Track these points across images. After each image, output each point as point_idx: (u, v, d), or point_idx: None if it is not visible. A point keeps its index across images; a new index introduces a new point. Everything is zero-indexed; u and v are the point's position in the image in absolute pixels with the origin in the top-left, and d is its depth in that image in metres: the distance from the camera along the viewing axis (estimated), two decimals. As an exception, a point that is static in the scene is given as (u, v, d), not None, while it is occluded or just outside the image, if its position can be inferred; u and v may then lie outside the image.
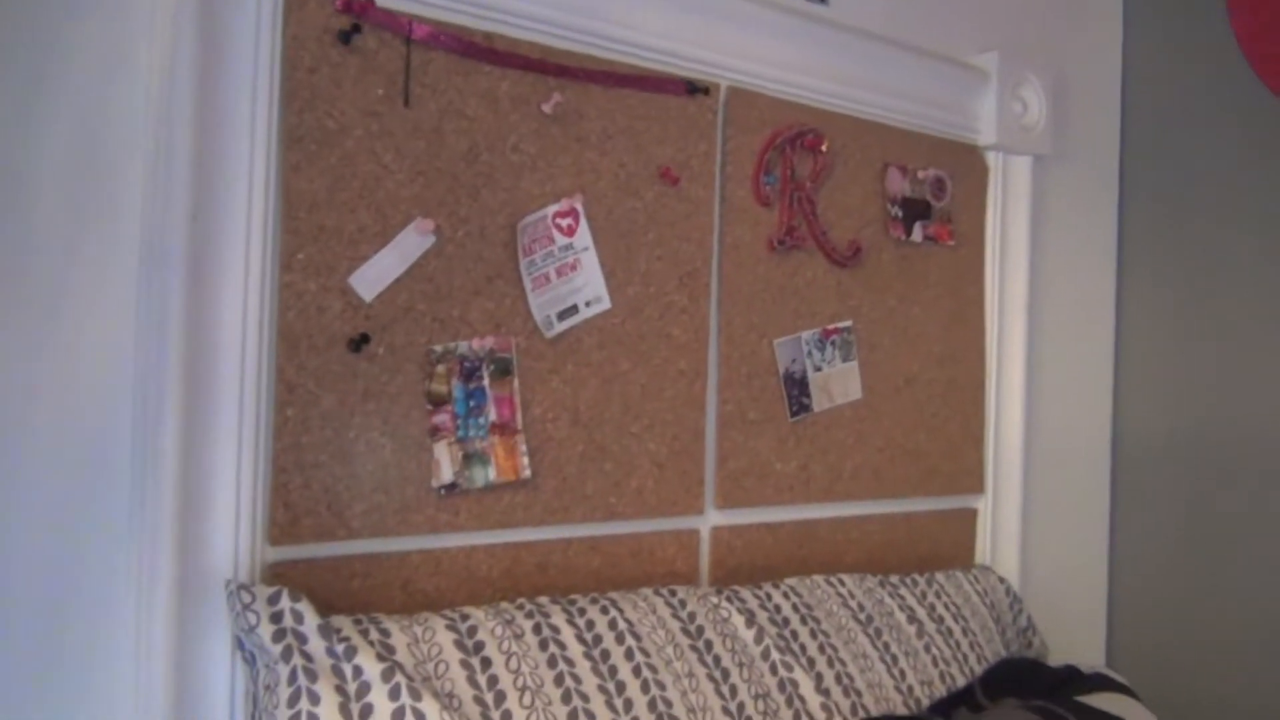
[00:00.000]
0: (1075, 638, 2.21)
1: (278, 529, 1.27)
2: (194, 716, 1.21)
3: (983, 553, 2.04)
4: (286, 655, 1.15)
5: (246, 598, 1.17)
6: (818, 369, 1.79)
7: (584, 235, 1.52)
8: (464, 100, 1.41)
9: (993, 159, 2.06)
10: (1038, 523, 2.13)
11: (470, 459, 1.41)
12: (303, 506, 1.29)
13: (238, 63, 1.25)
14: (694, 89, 1.62)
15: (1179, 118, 2.23)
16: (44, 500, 1.21)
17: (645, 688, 1.32)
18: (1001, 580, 1.90)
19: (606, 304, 1.54)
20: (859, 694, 1.50)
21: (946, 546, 1.99)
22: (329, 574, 1.31)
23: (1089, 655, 2.23)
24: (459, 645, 1.25)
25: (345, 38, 1.31)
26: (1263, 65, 2.12)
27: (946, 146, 1.98)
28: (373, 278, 1.33)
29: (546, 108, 1.47)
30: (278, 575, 1.27)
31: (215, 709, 1.23)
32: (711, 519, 1.68)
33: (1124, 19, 2.33)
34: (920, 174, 1.94)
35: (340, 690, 1.14)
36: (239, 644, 1.22)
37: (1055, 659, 1.94)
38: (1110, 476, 2.31)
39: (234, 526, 1.24)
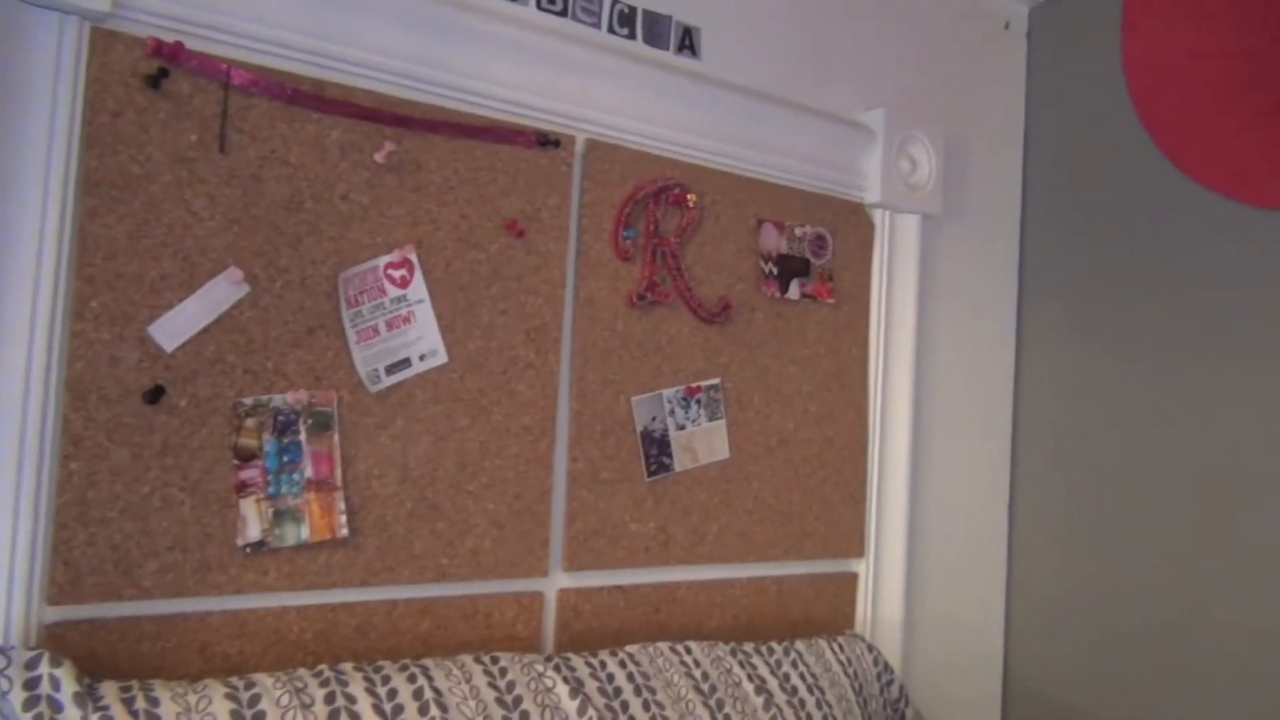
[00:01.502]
0: (967, 711, 2.16)
1: (56, 588, 1.22)
2: (-52, 786, 1.15)
3: (863, 619, 1.99)
4: (36, 725, 1.09)
5: (1, 662, 1.11)
6: (680, 427, 1.75)
7: (419, 287, 1.48)
8: (287, 148, 1.38)
9: (879, 217, 2.03)
10: (926, 589, 2.09)
11: (281, 516, 1.36)
12: (86, 565, 1.23)
13: (34, 104, 1.21)
14: (545, 141, 1.59)
15: (1081, 182, 2.21)
16: None
17: (443, 763, 1.26)
18: (871, 649, 1.85)
19: (443, 358, 1.50)
20: (688, 770, 1.44)
21: (823, 612, 1.94)
22: (115, 636, 1.25)
23: (982, 728, 2.18)
24: (236, 716, 1.19)
25: (154, 82, 1.27)
26: (1159, 132, 2.11)
27: (828, 203, 1.96)
28: (175, 328, 1.29)
29: (379, 157, 1.43)
30: (55, 637, 1.21)
31: (-25, 778, 1.17)
32: (558, 581, 1.63)
33: (1027, 81, 2.32)
34: (799, 231, 1.91)
35: (92, 763, 1.08)
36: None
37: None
38: (1007, 543, 2.26)
39: (6, 585, 1.18)
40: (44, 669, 1.12)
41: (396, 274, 1.46)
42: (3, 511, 1.19)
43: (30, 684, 1.11)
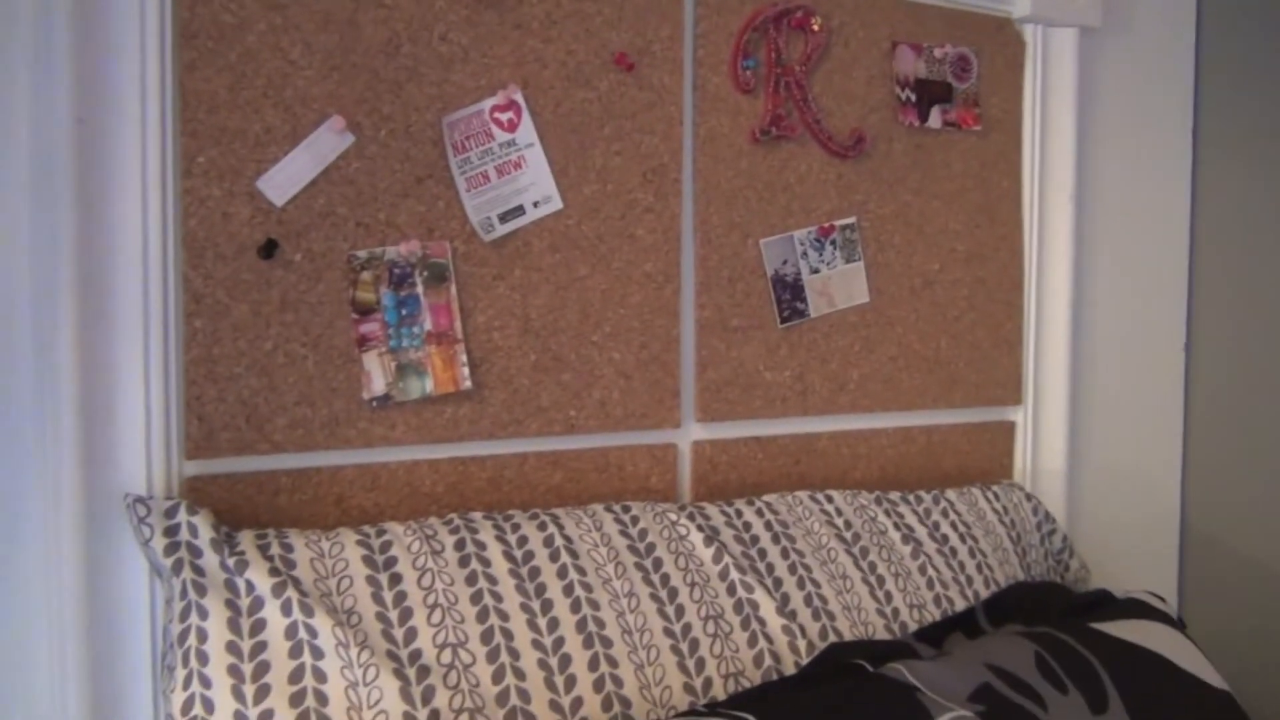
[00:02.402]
0: (1140, 564, 2.02)
1: (192, 443, 1.24)
2: (110, 633, 1.20)
3: (1022, 470, 1.87)
4: (177, 568, 1.12)
5: (142, 510, 1.15)
6: (814, 271, 1.65)
7: (528, 130, 1.41)
8: (381, -12, 1.32)
9: (1029, 32, 1.84)
10: (1092, 438, 1.94)
11: (404, 370, 1.35)
12: (219, 420, 1.25)
13: (124, -44, 1.19)
14: (652, -35, 1.48)
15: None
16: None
17: (576, 607, 1.24)
18: (1030, 497, 1.73)
19: (558, 204, 1.44)
20: (831, 616, 1.38)
21: (978, 463, 1.83)
22: (252, 489, 1.28)
23: (1158, 584, 2.04)
24: (367, 561, 1.19)
25: (240, -75, 1.23)
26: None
27: (971, 20, 1.78)
28: (284, 181, 1.27)
29: (475, -8, 1.36)
30: (196, 490, 1.24)
31: (134, 624, 1.22)
32: (692, 432, 1.57)
33: None
34: (938, 52, 1.74)
35: (232, 605, 1.11)
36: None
37: (1111, 587, 1.76)
38: (1183, 387, 2.08)
39: (144, 441, 1.21)
40: (182, 517, 1.15)
41: (503, 117, 1.40)
42: (134, 371, 1.21)
43: (170, 531, 1.14)
